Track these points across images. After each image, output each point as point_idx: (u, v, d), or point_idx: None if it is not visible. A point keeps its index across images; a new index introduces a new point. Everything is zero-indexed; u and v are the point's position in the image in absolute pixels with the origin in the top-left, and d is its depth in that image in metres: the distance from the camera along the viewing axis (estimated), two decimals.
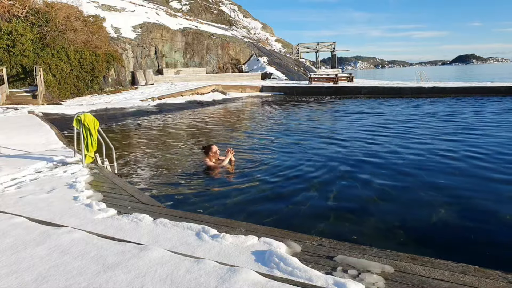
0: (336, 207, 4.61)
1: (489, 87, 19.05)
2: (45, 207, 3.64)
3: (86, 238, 2.74)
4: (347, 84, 23.29)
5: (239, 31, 40.16)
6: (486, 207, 4.49)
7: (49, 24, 17.81)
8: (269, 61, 31.49)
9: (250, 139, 9.52)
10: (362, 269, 2.30)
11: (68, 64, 17.97)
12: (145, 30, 26.10)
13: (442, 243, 3.68)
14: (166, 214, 3.39)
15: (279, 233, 2.93)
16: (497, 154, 7.06)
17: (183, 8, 40.28)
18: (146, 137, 10.16)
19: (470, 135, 8.98)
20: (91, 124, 5.35)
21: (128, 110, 15.14)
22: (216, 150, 6.48)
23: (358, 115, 13.48)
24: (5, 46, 16.23)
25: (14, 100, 15.06)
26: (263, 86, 23.53)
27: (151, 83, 24.18)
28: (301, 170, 6.25)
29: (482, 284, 2.13)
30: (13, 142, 7.21)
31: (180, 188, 5.48)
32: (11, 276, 2.24)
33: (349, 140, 8.82)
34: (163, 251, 2.46)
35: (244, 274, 2.11)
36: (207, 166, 6.39)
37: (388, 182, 5.53)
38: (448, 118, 11.74)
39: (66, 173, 4.91)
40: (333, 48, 38.65)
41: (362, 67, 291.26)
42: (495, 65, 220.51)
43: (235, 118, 13.96)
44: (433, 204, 4.59)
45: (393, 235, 3.81)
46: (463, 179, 5.62)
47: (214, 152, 6.45)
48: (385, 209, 4.52)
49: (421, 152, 7.30)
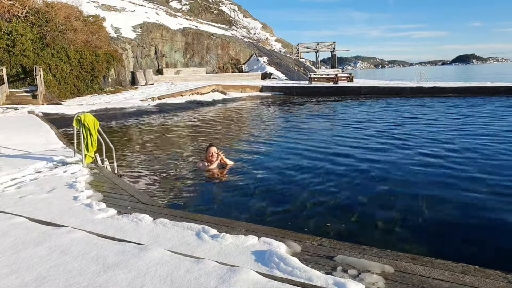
0: (336, 207, 4.61)
1: (489, 87, 19.06)
2: (45, 207, 3.64)
3: (86, 238, 2.74)
4: (347, 84, 23.30)
5: (239, 31, 40.17)
6: (487, 207, 4.49)
7: (49, 24, 17.81)
8: (269, 61, 31.50)
9: (250, 139, 9.52)
10: (362, 269, 2.30)
11: (68, 64, 17.97)
12: (145, 30, 26.10)
13: (442, 243, 3.67)
14: (166, 214, 3.39)
15: (279, 233, 2.93)
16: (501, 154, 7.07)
17: (183, 8, 40.31)
18: (146, 137, 10.16)
19: (474, 135, 8.98)
20: (91, 124, 5.36)
21: (128, 110, 15.13)
22: (213, 153, 6.34)
23: (358, 114, 13.49)
24: (5, 46, 16.24)
25: (14, 100, 15.06)
26: (263, 86, 23.54)
27: (151, 83, 24.18)
28: (302, 170, 6.25)
29: (482, 284, 2.13)
30: (13, 142, 7.21)
31: (180, 188, 5.48)
32: (11, 276, 2.24)
33: (349, 140, 8.82)
34: (163, 251, 2.46)
35: (244, 274, 2.11)
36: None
37: (388, 182, 5.53)
38: (443, 117, 11.75)
39: (66, 173, 4.91)
40: (333, 48, 38.68)
41: (362, 67, 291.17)
42: (495, 65, 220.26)
43: (235, 118, 13.96)
44: (433, 204, 4.59)
45: (393, 235, 3.81)
46: (463, 178, 5.62)
47: (210, 153, 6.35)
48: (385, 209, 4.51)
49: (424, 151, 7.31)
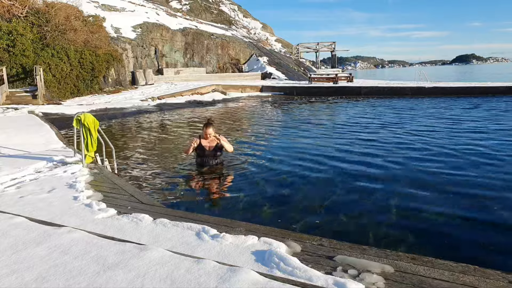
0: (336, 207, 4.61)
1: (489, 87, 19.06)
2: (45, 207, 3.64)
3: (86, 238, 2.74)
4: (347, 84, 23.30)
5: (239, 31, 40.16)
6: (487, 206, 4.49)
7: (49, 24, 17.81)
8: (269, 61, 31.50)
9: (250, 139, 9.52)
10: (362, 269, 2.30)
11: (68, 64, 17.97)
12: (145, 30, 26.10)
13: (442, 242, 3.67)
14: (166, 214, 3.39)
15: (279, 233, 2.93)
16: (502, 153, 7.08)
17: (183, 8, 40.29)
18: (146, 137, 10.16)
19: (474, 136, 8.98)
20: (91, 124, 5.36)
21: (128, 110, 15.14)
22: (209, 134, 6.20)
23: (358, 114, 13.49)
24: (5, 46, 16.23)
25: (14, 100, 15.06)
26: (263, 86, 23.54)
27: (151, 83, 24.18)
28: (302, 170, 6.24)
29: (482, 284, 2.13)
30: (13, 142, 7.21)
31: (180, 188, 5.48)
32: (11, 276, 2.24)
33: (349, 140, 8.82)
34: (163, 251, 2.46)
35: (244, 274, 2.11)
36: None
37: (388, 181, 5.53)
38: (442, 116, 11.75)
39: (66, 173, 4.90)
40: (333, 48, 38.66)
41: (362, 67, 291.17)
42: (495, 65, 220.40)
43: (235, 118, 13.96)
44: (433, 204, 4.59)
45: (394, 234, 3.81)
46: (463, 178, 5.62)
47: (205, 133, 6.23)
48: (386, 208, 4.51)
49: (423, 150, 7.31)
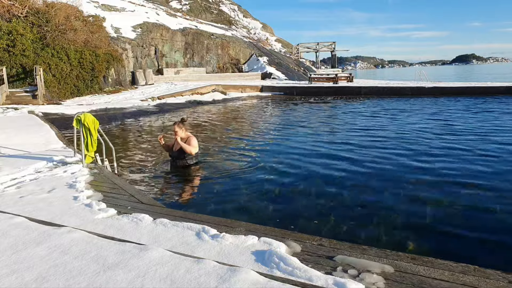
0: (336, 207, 4.61)
1: (489, 87, 19.06)
2: (45, 207, 3.64)
3: (86, 238, 2.74)
4: (347, 84, 23.30)
5: (239, 31, 40.17)
6: (487, 206, 4.49)
7: (49, 24, 17.81)
8: (269, 61, 31.50)
9: (250, 139, 9.52)
10: (362, 269, 2.30)
11: (68, 64, 17.97)
12: (145, 30, 26.10)
13: (442, 243, 3.67)
14: (166, 214, 3.39)
15: (279, 233, 2.93)
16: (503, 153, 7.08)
17: (183, 8, 40.30)
18: (146, 137, 10.16)
19: (474, 135, 8.98)
20: (91, 124, 5.36)
21: (128, 110, 15.13)
22: (175, 131, 6.26)
23: (358, 114, 13.49)
24: (5, 46, 16.23)
25: (14, 100, 15.06)
26: (263, 86, 23.54)
27: (151, 83, 24.18)
28: (302, 170, 6.25)
29: (482, 284, 2.13)
30: (13, 142, 7.21)
31: (180, 188, 5.48)
32: (11, 276, 2.24)
33: (349, 139, 8.82)
34: (163, 251, 2.46)
35: (244, 274, 2.11)
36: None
37: (388, 182, 5.53)
38: (440, 117, 11.75)
39: (66, 173, 4.91)
40: (333, 48, 38.64)
41: (362, 67, 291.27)
42: (495, 65, 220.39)
43: (235, 118, 13.96)
44: (433, 203, 4.59)
45: (394, 234, 3.81)
46: (463, 178, 5.62)
47: (174, 131, 6.31)
48: (386, 208, 4.51)
49: (423, 151, 7.31)
